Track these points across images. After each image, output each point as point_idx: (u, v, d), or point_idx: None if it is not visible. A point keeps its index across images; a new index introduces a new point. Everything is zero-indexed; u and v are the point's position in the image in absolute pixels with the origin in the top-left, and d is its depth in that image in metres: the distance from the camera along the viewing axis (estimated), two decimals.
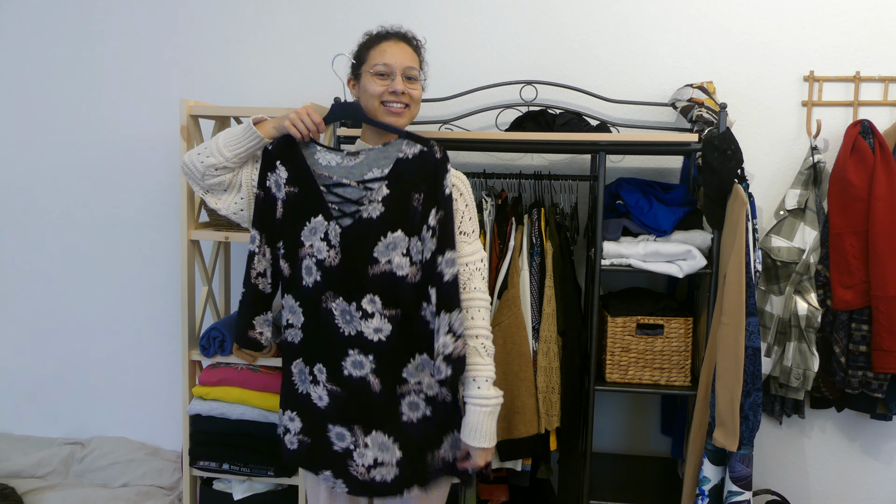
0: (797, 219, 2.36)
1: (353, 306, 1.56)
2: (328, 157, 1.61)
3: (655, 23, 2.55)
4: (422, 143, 1.57)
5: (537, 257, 2.28)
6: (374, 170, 1.58)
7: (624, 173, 2.56)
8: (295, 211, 1.60)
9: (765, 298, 2.38)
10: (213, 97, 2.76)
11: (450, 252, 1.54)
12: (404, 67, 1.62)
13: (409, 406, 1.59)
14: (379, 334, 1.55)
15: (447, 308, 1.53)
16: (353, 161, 1.59)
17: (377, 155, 1.59)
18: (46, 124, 2.89)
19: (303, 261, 1.59)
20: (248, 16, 2.74)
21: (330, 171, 1.60)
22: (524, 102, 2.51)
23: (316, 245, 1.57)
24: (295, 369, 1.65)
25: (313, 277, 1.57)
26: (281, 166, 1.61)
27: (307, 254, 1.58)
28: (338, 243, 1.56)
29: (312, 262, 1.57)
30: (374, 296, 1.54)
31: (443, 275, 1.53)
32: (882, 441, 2.57)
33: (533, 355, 2.26)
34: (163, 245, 2.86)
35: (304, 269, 1.59)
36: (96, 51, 2.83)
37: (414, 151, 1.57)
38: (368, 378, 1.57)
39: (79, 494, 2.65)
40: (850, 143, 2.30)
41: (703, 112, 2.23)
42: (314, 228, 1.58)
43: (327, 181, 1.59)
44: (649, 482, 2.50)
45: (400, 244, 1.54)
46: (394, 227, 1.54)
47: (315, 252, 1.57)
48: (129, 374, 2.94)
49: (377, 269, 1.54)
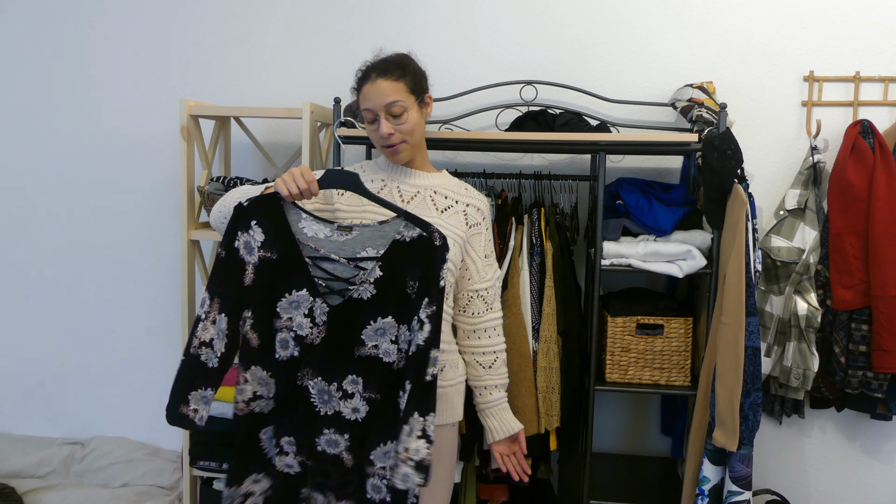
0: (797, 219, 2.36)
1: (333, 387, 1.50)
2: (315, 227, 1.51)
3: (655, 23, 2.55)
4: (421, 228, 1.49)
5: (537, 257, 2.28)
6: (368, 249, 1.50)
7: (624, 173, 2.56)
8: (270, 279, 1.49)
9: (765, 298, 2.38)
10: (213, 97, 2.76)
11: (435, 351, 1.45)
12: (385, 105, 1.59)
13: (372, 488, 1.52)
14: (356, 414, 1.50)
15: (425, 410, 1.43)
16: (345, 237, 1.50)
17: (372, 233, 1.50)
18: (46, 124, 2.89)
19: (278, 333, 1.50)
20: (248, 16, 2.74)
21: (317, 244, 1.50)
22: (524, 102, 2.51)
23: (297, 320, 1.49)
24: (264, 436, 1.55)
25: (290, 352, 1.50)
26: (256, 227, 1.48)
27: (284, 326, 1.50)
28: (323, 322, 1.49)
29: (290, 337, 1.50)
30: (356, 377, 1.49)
31: (426, 374, 1.44)
32: (882, 441, 2.57)
33: (533, 355, 2.26)
34: (163, 245, 2.86)
35: (279, 342, 1.50)
36: (96, 51, 2.83)
37: (412, 235, 1.49)
38: (342, 455, 1.52)
39: (79, 494, 2.65)
40: (850, 143, 2.30)
41: (703, 112, 2.23)
42: (296, 302, 1.49)
43: (313, 253, 1.50)
44: (649, 482, 2.50)
45: (389, 330, 1.49)
46: (384, 313, 1.48)
47: (295, 327, 1.49)
48: (129, 374, 2.94)
49: (363, 352, 1.49)
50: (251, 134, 2.66)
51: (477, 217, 1.73)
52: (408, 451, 1.42)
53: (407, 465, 1.41)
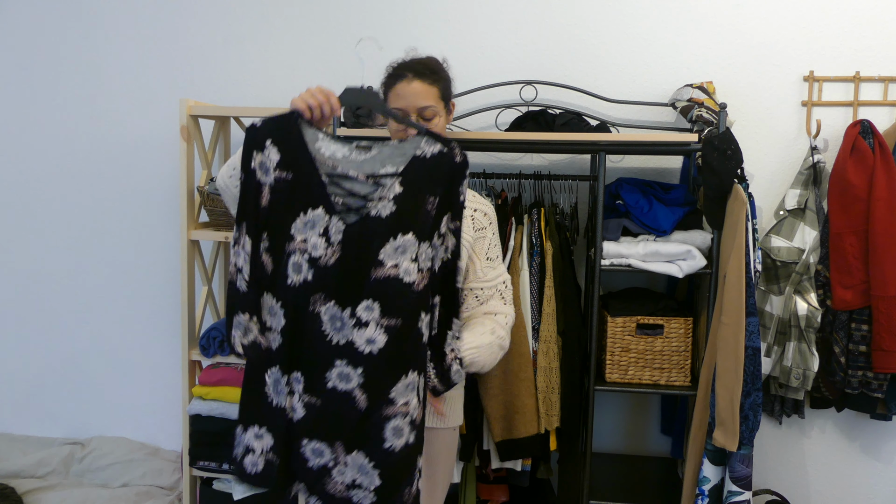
0: (797, 219, 2.36)
1: (346, 312, 1.41)
2: (333, 147, 1.46)
3: (655, 23, 2.55)
4: (442, 144, 1.46)
5: (537, 257, 2.28)
6: (388, 166, 1.45)
7: (624, 173, 2.56)
8: (286, 200, 1.44)
9: (765, 298, 2.38)
10: (213, 97, 2.76)
11: (460, 262, 1.49)
12: (418, 108, 1.60)
13: (393, 431, 1.43)
14: (371, 346, 1.41)
15: (459, 314, 1.50)
16: (364, 155, 1.45)
17: (392, 151, 1.46)
18: (47, 124, 2.89)
19: (290, 256, 1.43)
20: (248, 16, 2.74)
21: (335, 162, 1.45)
22: (524, 102, 2.51)
23: (312, 240, 1.42)
24: (269, 379, 1.45)
25: (302, 276, 1.42)
26: (272, 146, 1.44)
27: (297, 249, 1.43)
28: (339, 241, 1.42)
29: (304, 259, 1.42)
30: (372, 302, 1.41)
31: (455, 282, 1.49)
32: (882, 441, 2.57)
33: (533, 355, 2.26)
34: (163, 245, 2.86)
35: (292, 265, 1.43)
36: (96, 51, 2.83)
37: (433, 151, 1.46)
38: (355, 393, 1.42)
39: (79, 494, 2.65)
40: (849, 143, 2.30)
41: (702, 112, 2.23)
42: (311, 221, 1.43)
43: (331, 171, 1.44)
44: (649, 482, 2.50)
45: (410, 248, 1.42)
46: (405, 230, 1.42)
47: (310, 248, 1.42)
48: (129, 374, 2.94)
49: (381, 273, 1.41)
50: None
51: (483, 222, 1.73)
52: (454, 350, 1.50)
53: (456, 363, 1.49)
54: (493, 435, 2.25)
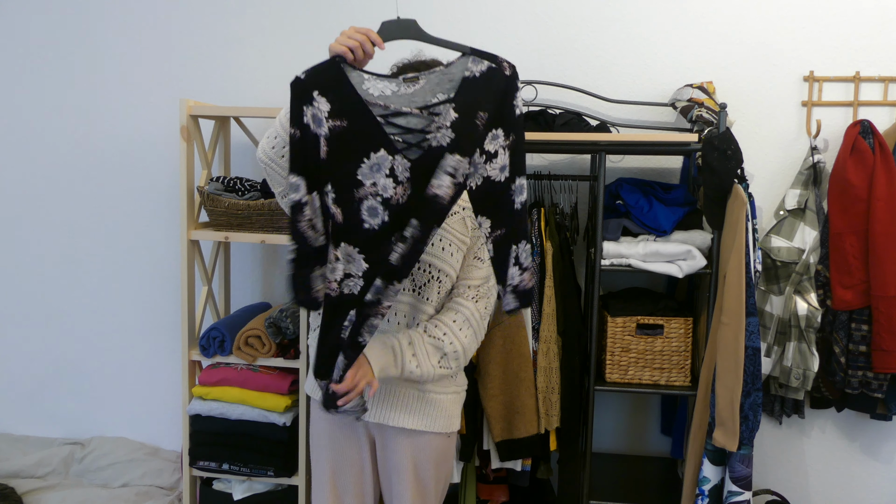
0: (797, 219, 2.36)
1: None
2: (380, 85, 1.44)
3: (655, 23, 2.55)
4: (489, 60, 1.43)
5: (537, 257, 2.28)
6: (439, 94, 1.43)
7: (624, 173, 2.56)
8: (345, 147, 1.43)
9: (765, 298, 2.38)
10: (213, 97, 2.76)
11: (520, 178, 1.45)
12: None
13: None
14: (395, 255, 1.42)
15: (515, 239, 1.46)
16: (413, 87, 1.44)
17: (439, 77, 1.44)
18: (46, 124, 2.89)
19: (362, 202, 1.43)
20: (248, 16, 2.74)
21: (386, 101, 1.43)
22: (524, 102, 2.51)
23: (381, 183, 1.42)
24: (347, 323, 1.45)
25: (379, 219, 1.43)
26: (320, 97, 1.42)
27: (368, 193, 1.42)
28: (406, 178, 1.42)
29: (377, 202, 1.42)
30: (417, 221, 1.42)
31: (514, 202, 1.45)
32: (882, 441, 2.57)
33: (533, 355, 2.26)
34: (163, 245, 2.86)
35: (367, 210, 1.43)
36: (96, 51, 2.83)
37: (481, 69, 1.43)
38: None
39: (78, 494, 2.65)
40: (850, 143, 2.30)
41: (703, 112, 2.23)
42: (376, 165, 1.42)
43: (384, 112, 1.43)
44: (649, 482, 2.50)
45: (459, 167, 1.40)
46: (453, 149, 1.40)
47: (380, 190, 1.42)
48: (129, 374, 2.94)
49: (428, 192, 1.41)
50: (251, 134, 2.66)
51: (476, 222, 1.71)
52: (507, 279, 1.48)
53: (507, 291, 1.48)
54: (493, 435, 2.25)
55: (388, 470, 1.71)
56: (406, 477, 1.68)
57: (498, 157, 1.43)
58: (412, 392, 1.65)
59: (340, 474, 1.74)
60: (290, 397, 2.36)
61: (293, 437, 2.40)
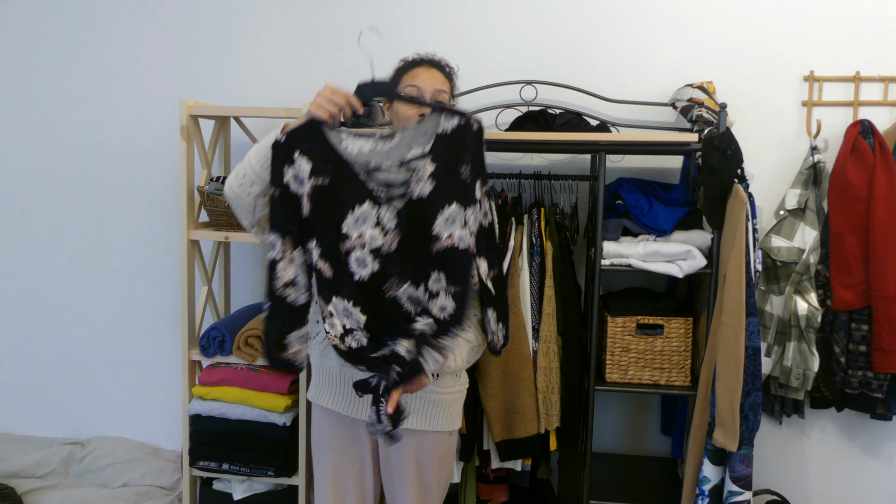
0: (797, 219, 2.36)
1: (420, 290, 1.48)
2: (359, 142, 1.50)
3: (655, 23, 2.55)
4: (459, 116, 1.51)
5: (537, 257, 2.28)
6: (415, 149, 1.50)
7: (624, 173, 2.56)
8: (329, 203, 1.48)
9: (765, 298, 2.38)
10: (213, 97, 2.76)
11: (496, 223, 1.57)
12: (434, 90, 1.65)
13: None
14: (444, 313, 1.48)
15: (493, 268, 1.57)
16: (389, 143, 1.50)
17: (414, 133, 1.51)
18: (46, 124, 2.89)
19: (351, 253, 1.47)
20: (248, 16, 2.74)
21: (365, 158, 1.49)
22: (524, 102, 2.51)
23: (368, 234, 1.47)
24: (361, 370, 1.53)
25: (369, 269, 1.48)
26: (301, 157, 1.48)
27: (355, 245, 1.47)
28: (394, 226, 1.48)
29: (366, 253, 1.47)
30: (438, 273, 1.48)
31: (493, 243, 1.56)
32: (882, 441, 2.57)
33: (533, 355, 2.26)
34: (163, 245, 2.86)
35: (356, 261, 1.47)
36: (96, 51, 2.83)
37: (453, 125, 1.50)
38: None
39: (78, 494, 2.65)
40: (850, 143, 2.30)
41: (703, 112, 2.23)
42: (361, 217, 1.48)
43: (364, 168, 1.49)
44: (649, 482, 2.50)
45: (458, 217, 1.48)
46: (449, 201, 1.47)
47: (367, 241, 1.47)
48: (129, 374, 2.94)
49: (440, 246, 1.47)
50: (251, 134, 2.66)
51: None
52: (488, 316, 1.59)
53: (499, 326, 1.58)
54: (493, 435, 2.25)
55: (391, 470, 1.72)
56: (409, 476, 1.69)
57: (483, 204, 1.53)
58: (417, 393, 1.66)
59: (342, 475, 1.74)
60: (290, 397, 2.36)
61: (293, 437, 2.40)
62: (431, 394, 1.67)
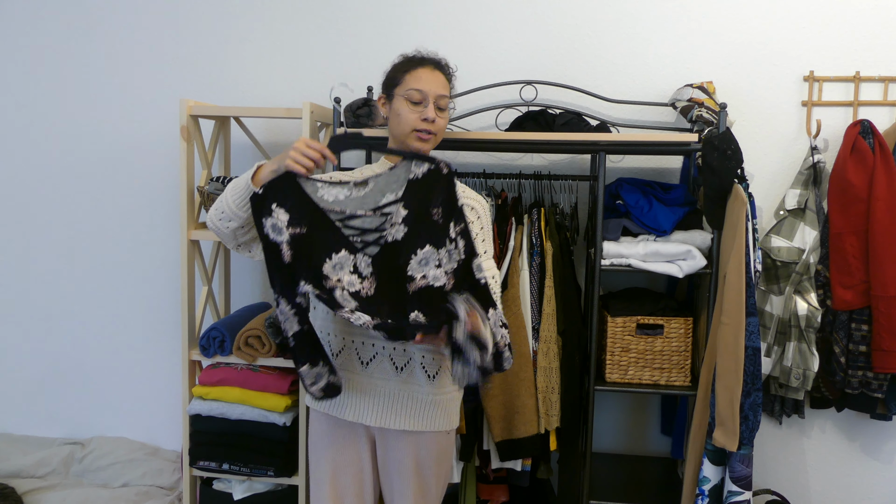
0: (797, 219, 2.36)
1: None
2: (334, 191, 1.57)
3: (655, 23, 2.55)
4: (428, 162, 1.57)
5: (537, 257, 2.28)
6: (388, 195, 1.57)
7: (624, 173, 2.56)
8: (307, 250, 1.55)
9: (765, 298, 2.38)
10: (213, 97, 2.76)
11: (476, 259, 1.57)
12: (437, 96, 1.66)
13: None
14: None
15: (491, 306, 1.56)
16: (363, 191, 1.58)
17: (386, 180, 1.58)
18: (46, 124, 2.89)
19: (333, 291, 1.54)
20: (248, 16, 2.74)
21: (340, 206, 1.57)
22: (524, 102, 2.51)
23: (346, 279, 1.54)
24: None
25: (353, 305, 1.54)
26: (278, 209, 1.54)
27: (336, 286, 1.54)
28: (370, 273, 1.55)
29: (346, 294, 1.54)
30: (418, 313, 1.52)
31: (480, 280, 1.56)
32: (882, 441, 2.57)
33: (533, 355, 2.26)
34: (163, 245, 2.86)
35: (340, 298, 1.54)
36: (96, 51, 2.83)
37: (423, 171, 1.57)
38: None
39: (79, 494, 2.65)
40: (850, 143, 2.30)
41: (703, 112, 2.23)
42: (338, 264, 1.55)
43: (339, 216, 1.56)
44: (649, 482, 2.50)
45: (431, 258, 1.54)
46: (422, 244, 1.54)
47: (346, 285, 1.54)
48: (129, 374, 2.94)
49: (415, 286, 1.53)
50: (251, 134, 2.66)
51: (471, 216, 1.71)
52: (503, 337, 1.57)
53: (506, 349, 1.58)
54: (492, 435, 2.25)
55: (390, 470, 1.72)
56: (408, 476, 1.69)
57: (459, 243, 1.56)
58: (414, 396, 1.67)
59: (340, 475, 1.74)
60: (290, 397, 2.36)
61: (293, 437, 2.40)
62: (429, 395, 1.67)
